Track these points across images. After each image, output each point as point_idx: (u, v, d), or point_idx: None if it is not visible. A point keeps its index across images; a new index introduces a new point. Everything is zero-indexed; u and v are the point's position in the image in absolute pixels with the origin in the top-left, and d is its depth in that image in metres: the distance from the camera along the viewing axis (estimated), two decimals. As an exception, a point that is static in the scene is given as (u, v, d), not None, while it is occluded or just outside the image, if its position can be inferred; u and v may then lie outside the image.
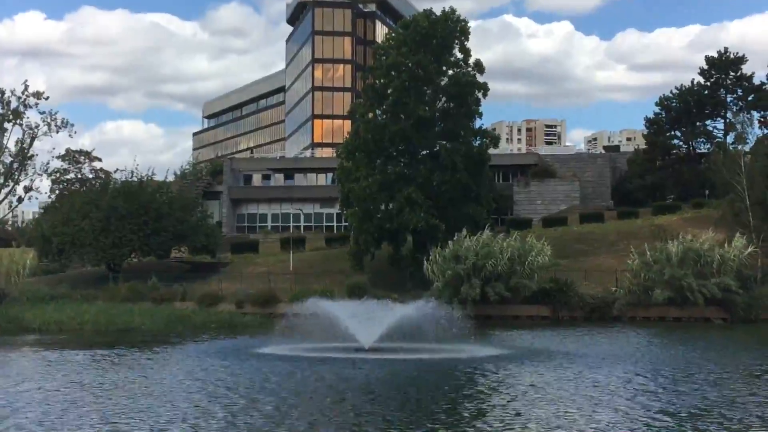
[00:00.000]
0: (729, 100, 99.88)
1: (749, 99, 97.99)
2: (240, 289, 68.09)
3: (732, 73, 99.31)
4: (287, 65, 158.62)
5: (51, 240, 76.53)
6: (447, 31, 74.39)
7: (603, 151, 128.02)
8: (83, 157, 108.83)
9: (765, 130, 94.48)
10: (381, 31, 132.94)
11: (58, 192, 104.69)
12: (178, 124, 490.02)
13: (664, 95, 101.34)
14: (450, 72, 75.21)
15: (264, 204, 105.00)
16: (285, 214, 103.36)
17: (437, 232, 69.20)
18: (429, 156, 74.46)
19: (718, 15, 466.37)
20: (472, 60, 75.31)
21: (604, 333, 49.23)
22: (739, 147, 79.98)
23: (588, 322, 58.33)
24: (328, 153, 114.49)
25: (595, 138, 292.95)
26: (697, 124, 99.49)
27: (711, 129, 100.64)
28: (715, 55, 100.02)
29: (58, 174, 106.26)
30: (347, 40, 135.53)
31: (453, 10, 75.19)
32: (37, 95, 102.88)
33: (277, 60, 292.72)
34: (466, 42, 75.47)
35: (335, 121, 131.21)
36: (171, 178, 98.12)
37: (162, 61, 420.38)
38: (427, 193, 71.58)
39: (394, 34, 79.48)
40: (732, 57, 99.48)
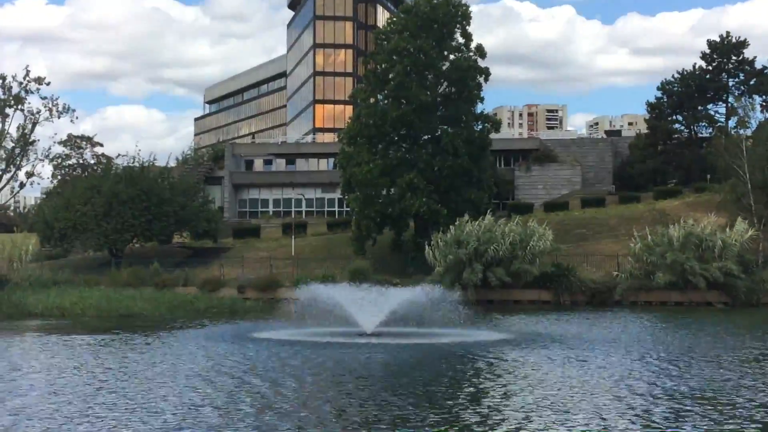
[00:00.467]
0: (731, 84, 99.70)
1: (751, 83, 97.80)
2: (242, 275, 68.23)
3: (734, 57, 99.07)
4: (288, 50, 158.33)
5: (53, 225, 76.63)
6: (448, 16, 74.27)
7: (604, 136, 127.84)
8: (85, 143, 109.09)
9: (767, 114, 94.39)
10: (382, 16, 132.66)
11: (59, 177, 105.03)
12: (179, 109, 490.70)
13: (665, 79, 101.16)
14: (451, 57, 75.11)
15: (265, 189, 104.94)
16: (287, 199, 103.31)
17: (439, 216, 69.24)
18: (430, 141, 74.45)
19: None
20: (473, 45, 75.23)
21: (605, 317, 49.33)
22: (741, 131, 80.00)
23: (589, 306, 58.47)
24: (329, 138, 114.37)
25: (597, 122, 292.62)
26: (699, 108, 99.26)
27: (713, 113, 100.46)
28: (717, 40, 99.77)
29: (59, 159, 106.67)
30: (348, 24, 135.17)
31: (454, -6, 75.06)
32: (39, 81, 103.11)
33: (279, 45, 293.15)
34: (467, 26, 75.35)
35: (337, 106, 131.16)
36: (173, 163, 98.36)
37: (163, 46, 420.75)
38: (429, 178, 71.59)
39: (395, 18, 79.38)
40: (734, 41, 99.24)
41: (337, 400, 21.54)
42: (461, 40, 75.37)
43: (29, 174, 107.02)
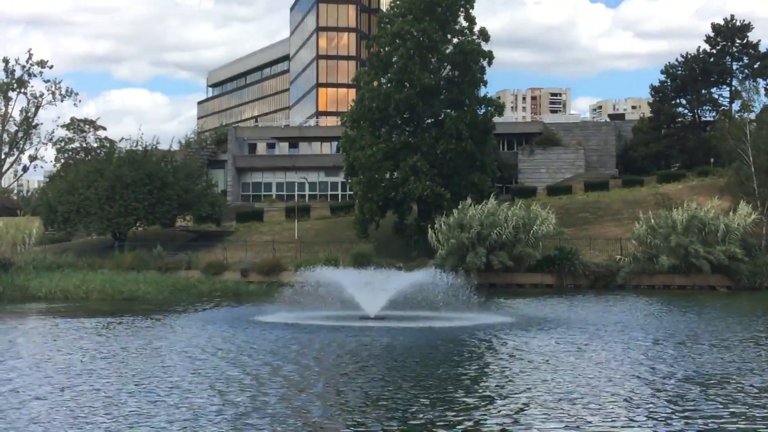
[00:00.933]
0: (735, 67, 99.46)
1: (755, 66, 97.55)
2: (245, 258, 68.30)
3: (738, 41, 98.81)
4: (292, 33, 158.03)
5: (56, 209, 76.71)
6: (451, -1, 74.13)
7: (608, 120, 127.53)
8: (88, 126, 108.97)
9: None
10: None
11: (63, 161, 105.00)
12: (182, 92, 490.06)
13: (669, 63, 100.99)
14: (455, 40, 74.95)
15: (269, 173, 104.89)
16: (290, 182, 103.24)
17: (442, 200, 69.24)
18: (434, 124, 74.35)
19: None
20: (477, 28, 75.14)
21: (609, 301, 49.34)
22: (745, 115, 79.89)
23: (592, 290, 58.51)
24: (332, 121, 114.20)
25: (600, 106, 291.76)
26: (703, 91, 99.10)
27: (716, 97, 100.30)
28: (722, 23, 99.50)
29: (62, 143, 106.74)
30: (351, 8, 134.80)
31: (458, -23, 74.82)
32: (41, 64, 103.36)
33: (282, 28, 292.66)
34: (471, 10, 75.17)
35: (340, 90, 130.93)
36: (176, 146, 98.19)
37: (167, 30, 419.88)
38: (432, 162, 71.52)
39: (398, 1, 78.93)
40: (738, 24, 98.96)
41: (332, 382, 21.58)
42: (464, 23, 75.19)
43: (32, 158, 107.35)
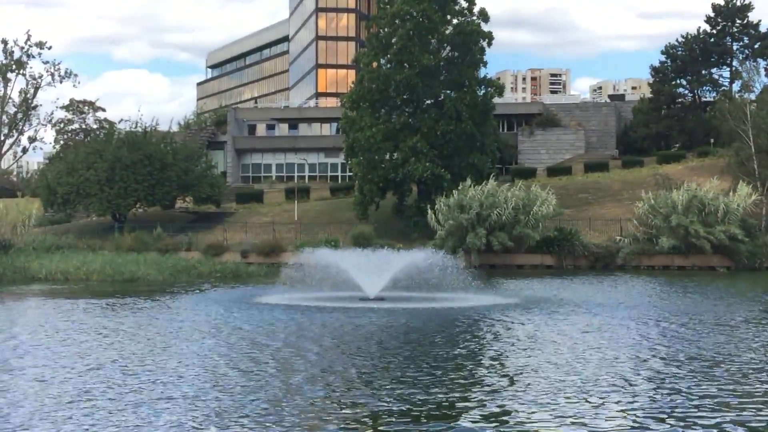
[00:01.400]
0: (735, 48, 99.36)
1: (755, 47, 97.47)
2: (245, 239, 68.35)
3: (738, 21, 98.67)
4: (291, 14, 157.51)
5: (56, 190, 76.78)
6: (451, -21, 73.92)
7: (608, 100, 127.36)
8: (87, 108, 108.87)
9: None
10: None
11: (62, 142, 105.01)
12: (182, 73, 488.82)
13: (669, 43, 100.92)
14: (455, 21, 74.82)
15: (268, 154, 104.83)
16: (290, 164, 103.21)
17: (442, 181, 69.25)
18: (433, 105, 74.24)
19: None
20: (476, 9, 75.06)
21: (609, 281, 49.36)
22: (745, 95, 79.87)
23: (592, 270, 58.56)
24: (332, 102, 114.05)
25: (600, 87, 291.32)
26: (703, 72, 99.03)
27: (717, 77, 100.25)
28: (722, 3, 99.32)
29: (62, 124, 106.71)
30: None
31: (458, -43, 74.60)
32: (41, 45, 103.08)
33: (281, 9, 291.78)
34: (471, -10, 75.00)
35: (339, 71, 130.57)
36: (175, 128, 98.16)
37: (166, 11, 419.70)
38: (432, 143, 71.45)
39: (398, -18, 78.84)
40: (738, 4, 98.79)
41: (323, 362, 21.59)
42: (464, 3, 75.02)
43: (32, 139, 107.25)
